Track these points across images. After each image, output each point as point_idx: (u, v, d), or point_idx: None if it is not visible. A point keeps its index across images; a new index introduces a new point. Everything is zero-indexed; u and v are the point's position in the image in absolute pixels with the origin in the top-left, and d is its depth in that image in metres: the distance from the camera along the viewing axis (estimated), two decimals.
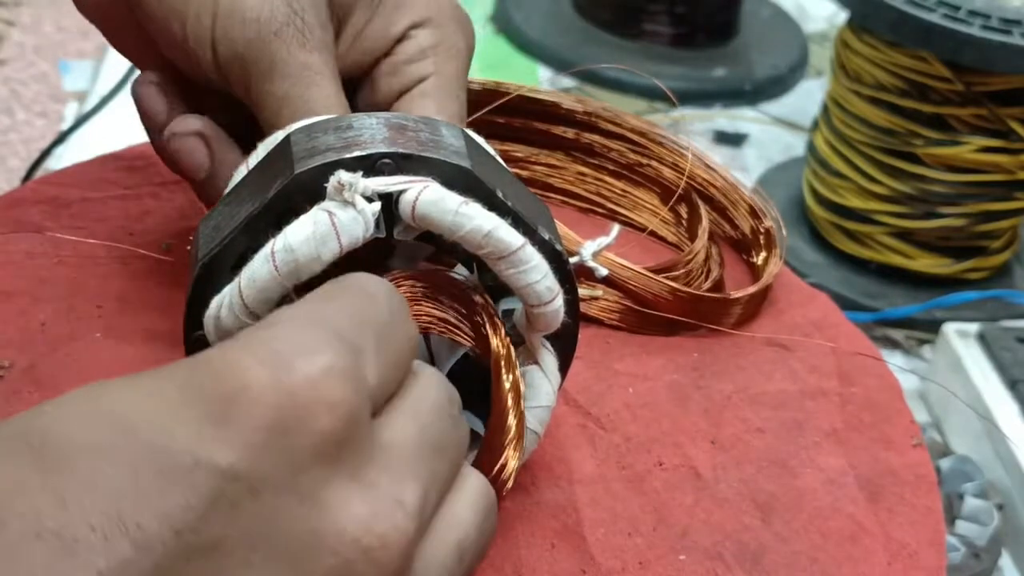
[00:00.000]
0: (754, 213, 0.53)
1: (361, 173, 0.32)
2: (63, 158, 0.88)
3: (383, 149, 0.33)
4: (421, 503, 0.26)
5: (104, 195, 0.52)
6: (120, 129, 0.88)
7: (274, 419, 0.23)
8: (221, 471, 0.23)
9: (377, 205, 0.32)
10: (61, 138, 0.91)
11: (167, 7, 0.38)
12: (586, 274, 0.48)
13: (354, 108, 0.40)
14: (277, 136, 0.36)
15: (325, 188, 0.31)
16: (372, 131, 0.34)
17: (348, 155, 0.32)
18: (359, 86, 0.42)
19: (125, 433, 0.23)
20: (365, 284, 0.28)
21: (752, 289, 0.49)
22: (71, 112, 0.98)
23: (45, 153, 0.89)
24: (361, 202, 0.31)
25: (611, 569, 0.38)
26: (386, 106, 0.41)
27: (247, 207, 0.33)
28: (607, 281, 0.48)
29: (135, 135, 0.68)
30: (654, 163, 0.54)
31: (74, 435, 0.23)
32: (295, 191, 0.32)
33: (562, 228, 0.48)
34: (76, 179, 0.52)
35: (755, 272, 0.52)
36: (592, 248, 0.47)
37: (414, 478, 0.26)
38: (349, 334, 0.26)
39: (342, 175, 0.31)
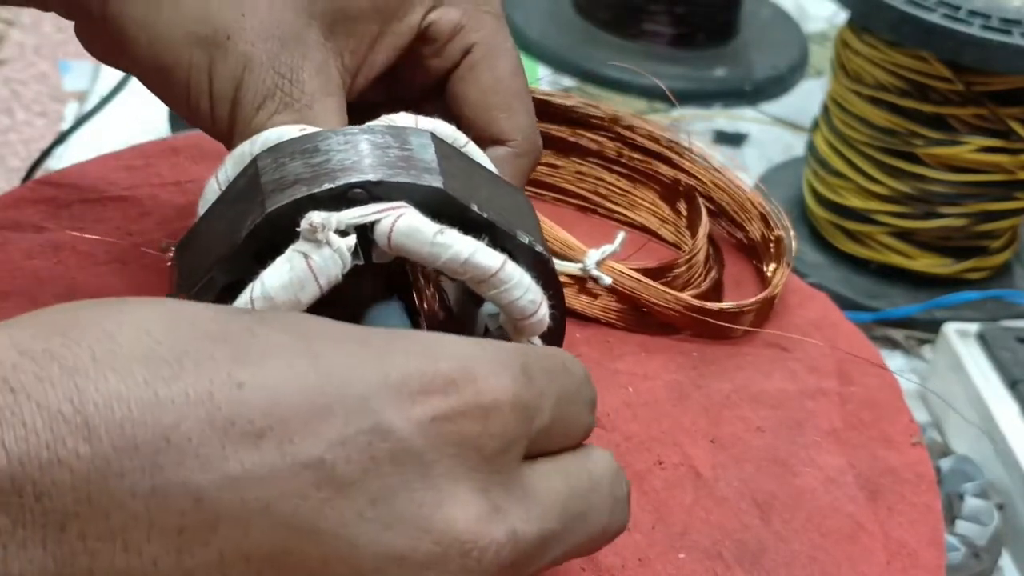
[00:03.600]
0: (764, 220, 0.53)
1: (333, 209, 0.31)
2: (63, 158, 0.88)
3: (353, 179, 0.32)
4: (536, 549, 0.26)
5: (103, 195, 0.52)
6: (120, 129, 0.88)
7: (447, 412, 0.25)
8: (383, 431, 0.25)
9: (352, 238, 0.31)
10: (61, 138, 0.91)
11: (198, 115, 0.38)
12: (588, 283, 0.48)
13: (398, 93, 0.39)
14: (243, 152, 0.35)
15: (298, 223, 0.31)
16: (340, 155, 0.33)
17: (318, 188, 0.32)
18: (397, 74, 0.41)
19: (327, 387, 0.25)
20: (565, 358, 0.30)
21: (760, 297, 0.49)
22: (71, 112, 0.98)
23: (45, 153, 0.88)
24: (336, 240, 0.31)
25: (610, 566, 0.38)
26: (436, 85, 0.40)
27: (221, 245, 0.33)
28: (612, 290, 0.48)
29: (135, 135, 0.68)
30: (654, 162, 0.54)
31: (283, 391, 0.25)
32: (268, 229, 0.32)
33: (567, 236, 0.48)
34: (76, 179, 0.52)
35: (759, 275, 0.52)
36: (596, 257, 0.47)
37: (540, 528, 0.27)
38: (538, 377, 0.27)
39: (314, 217, 0.31)
